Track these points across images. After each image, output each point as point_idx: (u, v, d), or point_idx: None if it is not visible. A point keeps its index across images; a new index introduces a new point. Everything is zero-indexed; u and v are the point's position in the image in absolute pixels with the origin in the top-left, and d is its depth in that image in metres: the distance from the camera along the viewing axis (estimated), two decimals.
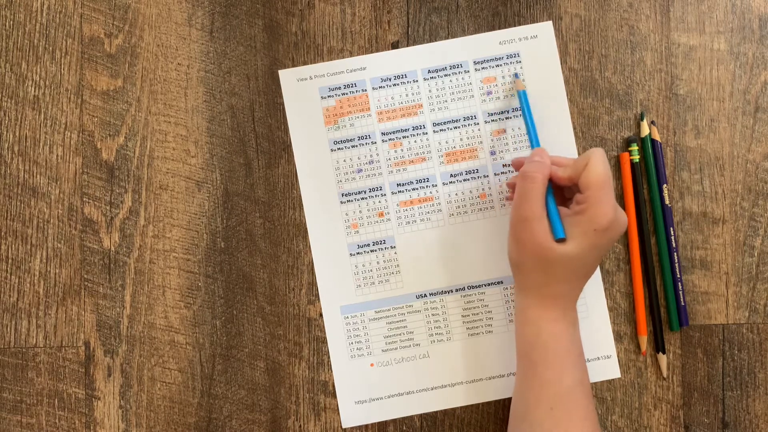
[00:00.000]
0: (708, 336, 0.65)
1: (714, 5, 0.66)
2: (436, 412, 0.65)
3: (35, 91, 0.66)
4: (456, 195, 0.66)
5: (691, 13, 0.66)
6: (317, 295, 0.65)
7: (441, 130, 0.66)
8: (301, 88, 0.66)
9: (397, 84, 0.66)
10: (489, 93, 0.66)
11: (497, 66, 0.66)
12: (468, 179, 0.66)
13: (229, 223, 0.66)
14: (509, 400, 0.64)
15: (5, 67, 0.66)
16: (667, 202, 0.65)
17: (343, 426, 0.65)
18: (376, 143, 0.66)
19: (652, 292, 0.65)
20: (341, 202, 0.66)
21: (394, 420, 0.65)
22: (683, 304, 0.64)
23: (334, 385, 0.65)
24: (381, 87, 0.66)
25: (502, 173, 0.66)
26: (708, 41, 0.66)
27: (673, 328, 0.64)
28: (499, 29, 0.66)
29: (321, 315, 0.65)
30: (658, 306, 0.65)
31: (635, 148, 0.65)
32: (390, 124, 0.66)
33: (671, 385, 0.65)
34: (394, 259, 0.65)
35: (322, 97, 0.66)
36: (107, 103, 0.66)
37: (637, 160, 0.65)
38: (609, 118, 0.66)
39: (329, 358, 0.65)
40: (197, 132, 0.66)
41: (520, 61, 0.66)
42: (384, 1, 0.66)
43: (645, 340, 0.64)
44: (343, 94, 0.66)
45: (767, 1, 0.66)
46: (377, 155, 0.66)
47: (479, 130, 0.66)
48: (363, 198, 0.66)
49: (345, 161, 0.66)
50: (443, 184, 0.66)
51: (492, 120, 0.66)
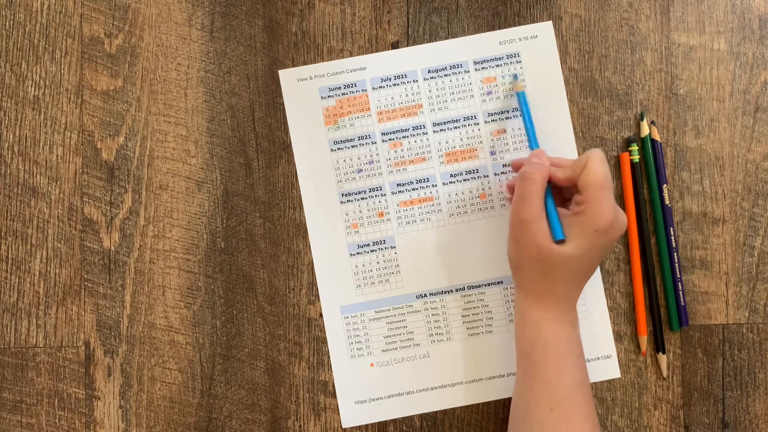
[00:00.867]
0: (708, 336, 0.65)
1: (714, 5, 0.66)
2: (436, 412, 0.65)
3: (35, 91, 0.66)
4: (456, 195, 0.66)
5: (691, 13, 0.66)
6: (317, 295, 0.65)
7: (441, 130, 0.66)
8: (301, 88, 0.66)
9: (397, 84, 0.66)
10: (489, 93, 0.66)
11: (497, 66, 0.66)
12: (468, 179, 0.66)
13: (229, 223, 0.66)
14: (509, 400, 0.64)
15: (5, 67, 0.66)
16: (667, 202, 0.65)
17: (343, 426, 0.65)
18: (376, 143, 0.66)
19: (652, 292, 0.65)
20: (341, 202, 0.66)
21: (394, 420, 0.65)
22: (683, 304, 0.64)
23: (334, 385, 0.65)
24: (381, 87, 0.66)
25: (502, 173, 0.66)
26: (708, 41, 0.66)
27: (673, 328, 0.64)
28: (499, 29, 0.66)
29: (321, 315, 0.65)
30: (658, 306, 0.65)
31: (635, 148, 0.65)
32: (390, 124, 0.66)
33: (671, 385, 0.65)
34: (394, 259, 0.65)
35: (322, 97, 0.66)
36: (107, 103, 0.66)
37: (637, 160, 0.65)
38: (609, 118, 0.66)
39: (329, 358, 0.65)
40: (197, 132, 0.66)
41: (520, 61, 0.66)
42: (384, 1, 0.66)
43: (645, 340, 0.64)
44: (343, 94, 0.66)
45: (767, 1, 0.66)
46: (377, 155, 0.66)
47: (479, 130, 0.66)
48: (363, 198, 0.66)
49: (345, 161, 0.66)
50: (443, 184, 0.66)
51: (492, 120, 0.66)
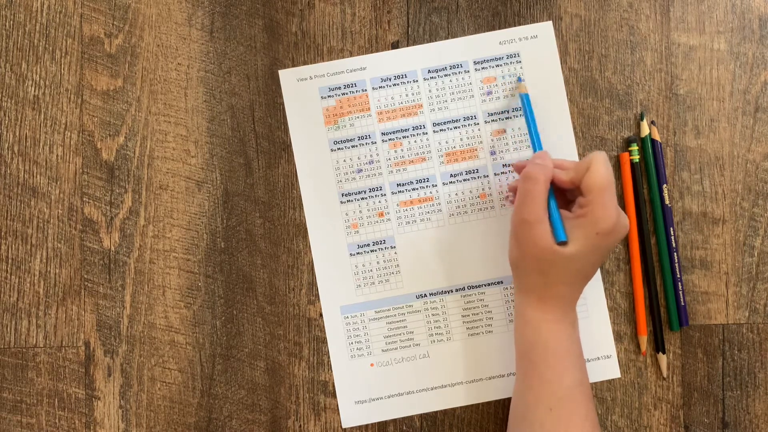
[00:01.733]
0: (708, 336, 0.65)
1: (714, 5, 0.66)
2: (436, 412, 0.65)
3: (35, 91, 0.66)
4: (456, 195, 0.66)
5: (691, 13, 0.66)
6: (317, 295, 0.65)
7: (441, 130, 0.66)
8: (301, 88, 0.66)
9: (397, 84, 0.66)
10: (489, 93, 0.66)
11: (497, 66, 0.66)
12: (468, 179, 0.66)
13: (229, 223, 0.66)
14: (509, 400, 0.64)
15: (5, 67, 0.66)
16: (667, 202, 0.65)
17: (343, 426, 0.65)
18: (376, 143, 0.66)
19: (652, 292, 0.65)
20: (341, 202, 0.66)
21: (394, 420, 0.65)
22: (683, 304, 0.64)
23: (334, 385, 0.65)
24: (381, 87, 0.66)
25: (502, 173, 0.66)
26: (708, 41, 0.66)
27: (673, 328, 0.64)
28: (499, 29, 0.66)
29: (321, 315, 0.65)
30: (658, 306, 0.65)
31: (635, 148, 0.65)
32: (390, 124, 0.66)
33: (671, 385, 0.65)
34: (394, 259, 0.65)
35: (322, 97, 0.66)
36: (107, 103, 0.66)
37: (637, 160, 0.65)
38: (609, 118, 0.66)
39: (329, 358, 0.65)
40: (197, 132, 0.66)
41: (520, 61, 0.66)
42: (384, 1, 0.66)
43: (645, 340, 0.64)
44: (343, 94, 0.66)
45: (767, 1, 0.66)
46: (377, 155, 0.66)
47: (479, 130, 0.66)
48: (363, 198, 0.66)
49: (345, 161, 0.66)
50: (443, 184, 0.66)
51: (492, 120, 0.66)
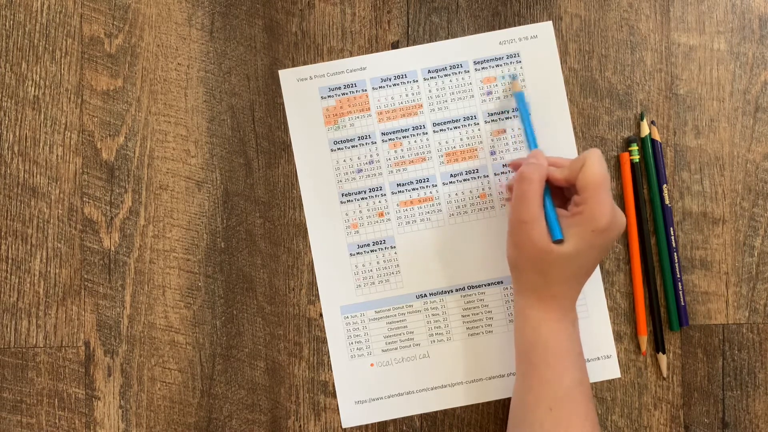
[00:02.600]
0: (708, 336, 0.65)
1: (714, 5, 0.66)
2: (436, 412, 0.65)
3: (35, 91, 0.66)
4: (456, 195, 0.66)
5: (691, 13, 0.66)
6: (317, 295, 0.65)
7: (441, 130, 0.66)
8: (301, 88, 0.66)
9: (397, 84, 0.66)
10: (489, 93, 0.66)
11: (497, 66, 0.66)
12: (468, 179, 0.66)
13: (229, 223, 0.66)
14: (509, 400, 0.64)
15: (5, 67, 0.66)
16: (667, 202, 0.65)
17: (343, 426, 0.65)
18: (376, 143, 0.66)
19: (652, 292, 0.65)
20: (341, 202, 0.66)
21: (394, 420, 0.65)
22: (683, 304, 0.64)
23: (334, 385, 0.65)
24: (381, 87, 0.66)
25: (502, 173, 0.66)
26: (708, 41, 0.66)
27: (673, 328, 0.64)
28: (499, 29, 0.66)
29: (321, 315, 0.65)
30: (658, 306, 0.65)
31: (635, 148, 0.65)
32: (390, 124, 0.66)
33: (671, 385, 0.65)
34: (394, 259, 0.65)
35: (322, 97, 0.66)
36: (107, 103, 0.66)
37: (637, 160, 0.65)
38: (609, 118, 0.66)
39: (329, 358, 0.65)
40: (197, 132, 0.66)
41: (520, 61, 0.66)
42: (384, 1, 0.66)
43: (645, 340, 0.64)
44: (343, 94, 0.66)
45: (767, 1, 0.66)
46: (377, 155, 0.66)
47: (479, 130, 0.66)
48: (363, 198, 0.66)
49: (345, 161, 0.66)
50: (443, 184, 0.66)
51: (492, 120, 0.66)
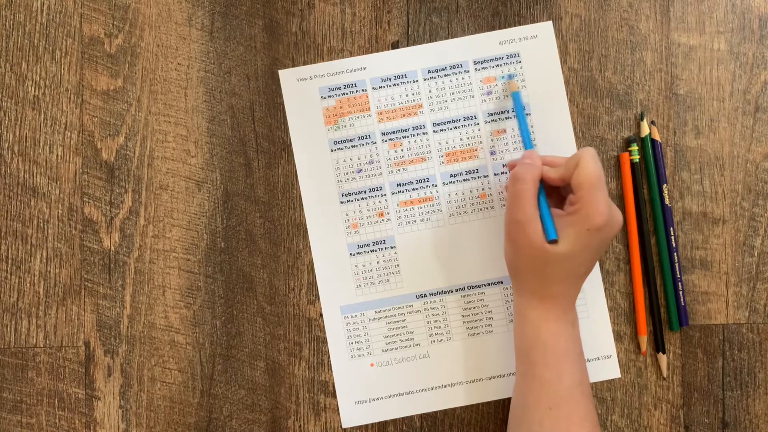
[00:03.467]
0: (708, 336, 0.65)
1: (714, 5, 0.66)
2: (436, 412, 0.65)
3: (35, 91, 0.66)
4: (456, 195, 0.66)
5: (691, 13, 0.66)
6: (317, 295, 0.65)
7: (441, 130, 0.66)
8: (301, 88, 0.66)
9: (397, 84, 0.66)
10: (489, 93, 0.66)
11: (497, 66, 0.66)
12: (468, 179, 0.66)
13: (229, 223, 0.66)
14: (509, 400, 0.64)
15: (5, 67, 0.66)
16: (667, 202, 0.65)
17: (343, 426, 0.65)
18: (376, 143, 0.66)
19: (652, 292, 0.65)
20: (341, 202, 0.66)
21: (394, 420, 0.65)
22: (683, 304, 0.64)
23: (334, 385, 0.65)
24: (381, 87, 0.66)
25: (502, 173, 0.66)
26: (708, 41, 0.66)
27: (673, 328, 0.64)
28: (499, 29, 0.66)
29: (321, 315, 0.65)
30: (658, 306, 0.65)
31: (635, 148, 0.65)
32: (390, 124, 0.66)
33: (671, 385, 0.65)
34: (394, 259, 0.65)
35: (322, 97, 0.66)
36: (107, 103, 0.66)
37: (637, 160, 0.65)
38: (609, 118, 0.66)
39: (329, 358, 0.65)
40: (197, 132, 0.66)
41: (520, 61, 0.66)
42: (384, 1, 0.66)
43: (645, 340, 0.64)
44: (343, 94, 0.66)
45: (767, 1, 0.66)
46: (377, 155, 0.66)
47: (479, 130, 0.66)
48: (363, 198, 0.66)
49: (345, 161, 0.66)
50: (443, 184, 0.66)
51: (492, 120, 0.66)
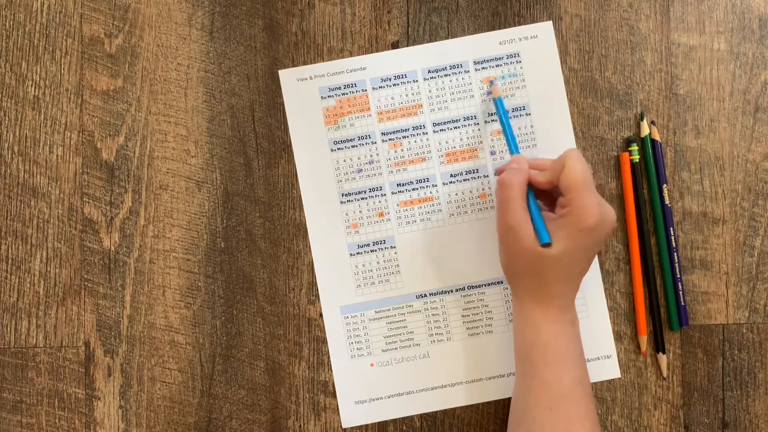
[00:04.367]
0: (708, 336, 0.65)
1: (714, 5, 0.66)
2: (436, 412, 0.65)
3: (35, 91, 0.66)
4: (456, 195, 0.66)
5: (691, 13, 0.66)
6: (317, 295, 0.65)
7: (441, 130, 0.66)
8: (301, 88, 0.66)
9: (397, 84, 0.66)
10: (489, 93, 0.66)
11: (497, 66, 0.66)
12: (468, 179, 0.66)
13: (229, 223, 0.66)
14: (509, 400, 0.64)
15: (5, 67, 0.66)
16: (667, 202, 0.65)
17: (343, 426, 0.65)
18: (376, 143, 0.66)
19: (652, 292, 0.65)
20: (341, 202, 0.66)
21: (394, 420, 0.65)
22: (683, 304, 0.64)
23: (334, 385, 0.65)
24: (381, 87, 0.66)
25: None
26: (708, 41, 0.66)
27: (673, 328, 0.64)
28: (499, 29, 0.66)
29: (321, 315, 0.65)
30: (658, 306, 0.65)
31: (635, 148, 0.65)
32: (390, 124, 0.66)
33: (671, 385, 0.65)
34: (394, 259, 0.65)
35: (322, 97, 0.66)
36: (107, 103, 0.66)
37: (637, 160, 0.65)
38: (609, 118, 0.66)
39: (329, 358, 0.65)
40: (197, 132, 0.66)
41: (520, 61, 0.66)
42: (384, 1, 0.66)
43: (645, 340, 0.64)
44: (343, 94, 0.66)
45: (767, 1, 0.66)
46: (377, 155, 0.66)
47: (479, 130, 0.66)
48: (363, 198, 0.66)
49: (345, 161, 0.66)
50: (443, 184, 0.66)
51: (492, 120, 0.66)
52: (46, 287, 0.65)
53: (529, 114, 0.66)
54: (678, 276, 0.64)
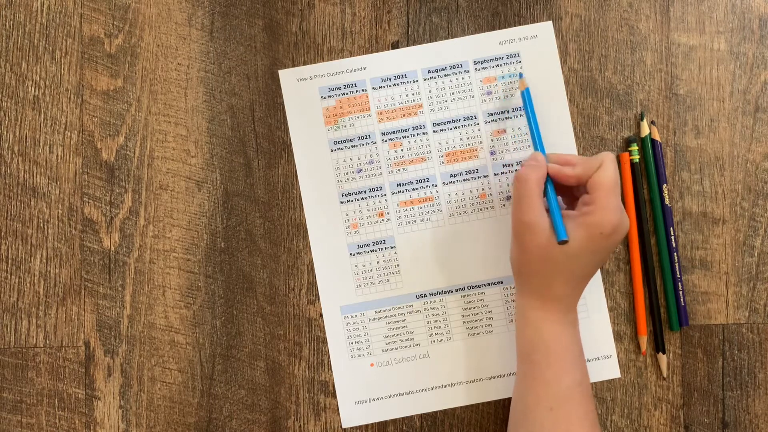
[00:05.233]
0: (708, 336, 0.65)
1: (714, 5, 0.66)
2: (436, 412, 0.65)
3: (35, 91, 0.66)
4: (456, 195, 0.66)
5: (691, 13, 0.66)
6: (317, 295, 0.65)
7: (441, 130, 0.66)
8: (301, 88, 0.66)
9: (397, 84, 0.66)
10: (489, 93, 0.66)
11: (497, 66, 0.66)
12: (468, 179, 0.66)
13: (229, 223, 0.66)
14: (509, 400, 0.64)
15: (5, 67, 0.66)
16: (667, 202, 0.65)
17: (343, 426, 0.65)
18: (376, 143, 0.66)
19: (652, 292, 0.65)
20: (341, 202, 0.66)
21: (394, 420, 0.65)
22: (683, 304, 0.64)
23: (334, 385, 0.65)
24: (381, 87, 0.66)
25: (502, 173, 0.66)
26: (708, 41, 0.66)
27: (673, 328, 0.64)
28: (499, 29, 0.66)
29: (321, 315, 0.65)
30: (658, 306, 0.65)
31: (635, 148, 0.65)
32: (390, 124, 0.66)
33: (671, 385, 0.65)
34: (394, 259, 0.65)
35: (322, 97, 0.66)
36: (107, 103, 0.66)
37: (637, 160, 0.65)
38: (609, 118, 0.66)
39: (329, 358, 0.65)
40: (197, 132, 0.66)
41: (520, 61, 0.66)
42: (384, 1, 0.66)
43: (645, 340, 0.64)
44: (343, 94, 0.66)
45: (767, 1, 0.66)
46: (377, 155, 0.66)
47: (479, 130, 0.66)
48: (363, 198, 0.66)
49: (345, 161, 0.66)
50: (443, 184, 0.66)
51: (492, 120, 0.66)
52: (46, 287, 0.65)
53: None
54: (678, 276, 0.64)
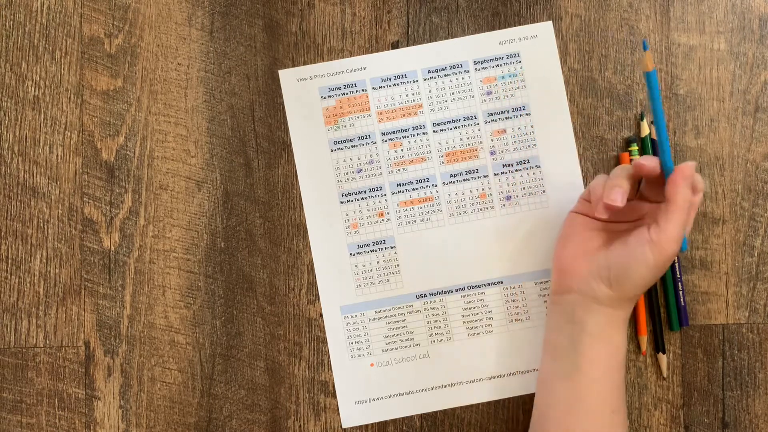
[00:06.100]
0: (708, 336, 0.65)
1: (714, 5, 0.66)
2: (436, 412, 0.65)
3: (35, 91, 0.66)
4: (456, 195, 0.66)
5: (691, 13, 0.66)
6: (317, 295, 0.65)
7: (441, 130, 0.66)
8: (301, 88, 0.66)
9: (397, 84, 0.66)
10: (489, 93, 0.66)
11: (497, 66, 0.66)
12: (468, 179, 0.66)
13: (229, 223, 0.66)
14: (510, 399, 0.64)
15: (5, 67, 0.66)
16: None
17: (343, 426, 0.65)
18: (376, 143, 0.66)
19: (652, 292, 0.65)
20: (341, 202, 0.66)
21: (394, 420, 0.65)
22: (683, 304, 0.64)
23: (334, 385, 0.65)
24: (381, 87, 0.66)
25: (502, 173, 0.66)
26: (708, 41, 0.66)
27: (673, 328, 0.64)
28: (499, 29, 0.66)
29: (321, 315, 0.65)
30: (658, 306, 0.65)
31: (635, 148, 0.65)
32: (390, 124, 0.66)
33: (671, 385, 0.65)
34: (394, 259, 0.65)
35: (322, 97, 0.66)
36: (107, 103, 0.66)
37: None
38: (609, 118, 0.66)
39: (329, 358, 0.65)
40: (197, 132, 0.66)
41: (520, 61, 0.66)
42: (384, 1, 0.66)
43: (645, 340, 0.64)
44: (343, 94, 0.66)
45: (767, 1, 0.66)
46: (377, 155, 0.66)
47: (479, 130, 0.66)
48: (363, 198, 0.66)
49: (345, 161, 0.66)
50: (443, 184, 0.66)
51: (492, 120, 0.66)
52: (46, 287, 0.65)
53: (529, 114, 0.66)
54: (678, 276, 0.64)
